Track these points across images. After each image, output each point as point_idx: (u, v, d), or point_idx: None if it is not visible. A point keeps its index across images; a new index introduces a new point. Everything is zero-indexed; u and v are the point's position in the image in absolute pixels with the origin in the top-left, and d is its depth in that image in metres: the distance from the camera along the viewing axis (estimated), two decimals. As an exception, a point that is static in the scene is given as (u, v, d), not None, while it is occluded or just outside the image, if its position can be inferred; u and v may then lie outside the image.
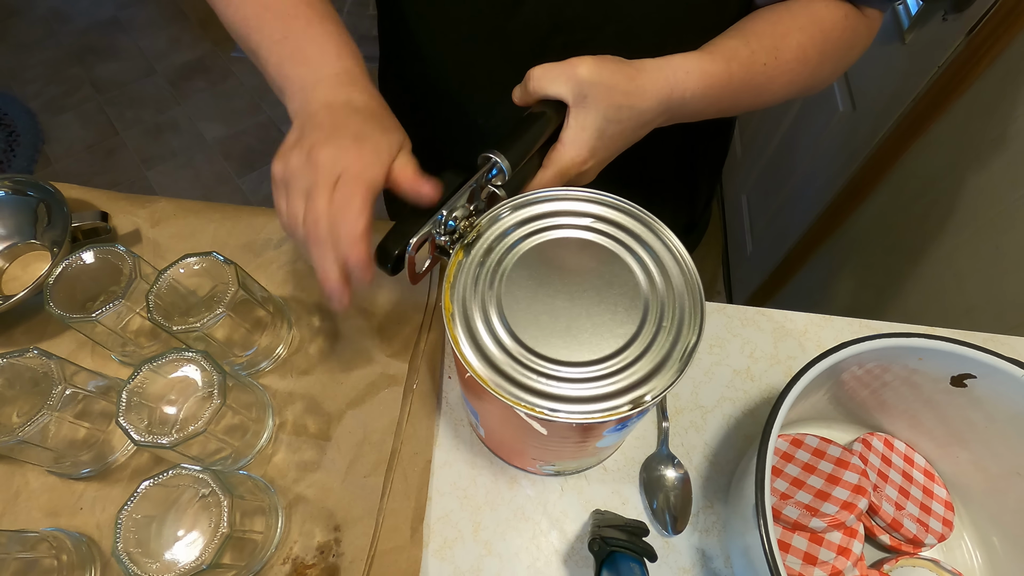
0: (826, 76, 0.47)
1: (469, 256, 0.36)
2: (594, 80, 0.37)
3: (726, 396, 0.53)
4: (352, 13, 2.29)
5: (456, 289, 0.35)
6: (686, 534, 0.47)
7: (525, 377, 0.32)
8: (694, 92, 0.41)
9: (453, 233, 0.36)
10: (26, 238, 0.57)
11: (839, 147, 1.12)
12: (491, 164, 0.37)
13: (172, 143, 1.97)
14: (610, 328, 0.34)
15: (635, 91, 0.39)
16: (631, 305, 0.35)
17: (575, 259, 0.36)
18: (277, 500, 0.45)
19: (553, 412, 0.31)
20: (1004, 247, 0.76)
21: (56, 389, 0.41)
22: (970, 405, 0.43)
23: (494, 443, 0.48)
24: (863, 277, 1.08)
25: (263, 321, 0.50)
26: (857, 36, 0.46)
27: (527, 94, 0.40)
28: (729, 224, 1.75)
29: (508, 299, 0.35)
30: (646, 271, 0.36)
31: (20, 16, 2.26)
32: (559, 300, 0.35)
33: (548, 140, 0.40)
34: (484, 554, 0.46)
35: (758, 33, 0.43)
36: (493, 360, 0.33)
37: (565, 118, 0.39)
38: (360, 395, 0.50)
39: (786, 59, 0.43)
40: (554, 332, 0.34)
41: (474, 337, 0.33)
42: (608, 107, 0.38)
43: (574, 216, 0.38)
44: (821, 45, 0.44)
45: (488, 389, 0.32)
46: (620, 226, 0.38)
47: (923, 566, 0.43)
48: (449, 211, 0.36)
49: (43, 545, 0.40)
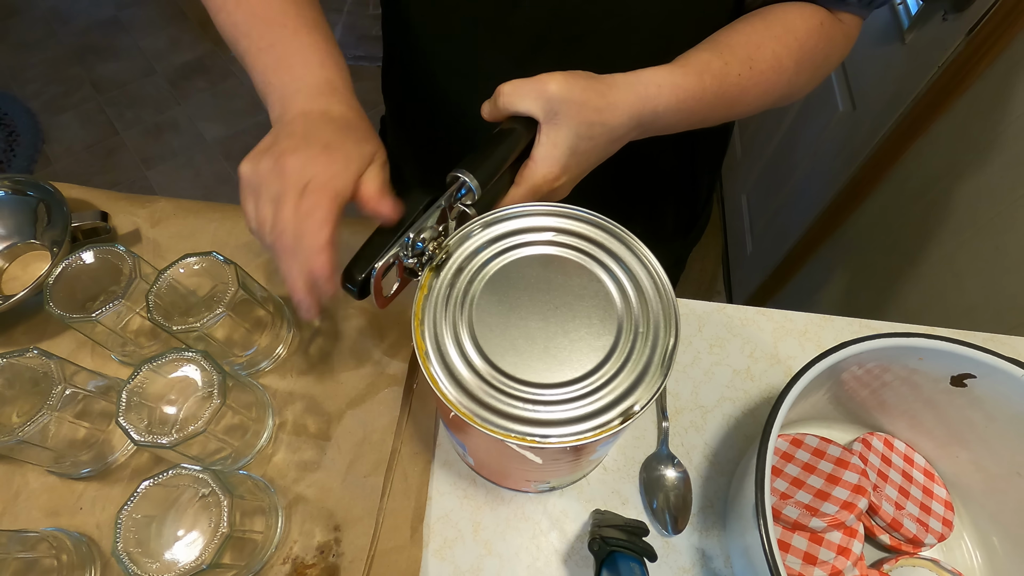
0: (803, 84, 0.47)
1: (438, 280, 0.35)
2: (565, 97, 0.37)
3: (726, 396, 0.53)
4: (352, 13, 2.29)
5: (426, 323, 0.34)
6: (686, 534, 0.47)
7: (510, 407, 0.31)
8: (667, 106, 0.40)
9: (422, 255, 0.35)
10: (26, 238, 0.57)
11: (839, 147, 1.12)
12: (460, 183, 0.36)
13: (172, 143, 1.97)
14: (588, 343, 0.33)
15: (606, 107, 0.38)
16: (606, 317, 0.34)
17: (545, 276, 0.36)
18: (277, 500, 0.45)
19: (544, 439, 0.30)
20: (1004, 247, 0.76)
21: (56, 389, 0.41)
22: (970, 405, 0.43)
23: (486, 471, 0.47)
24: (863, 277, 1.09)
25: (263, 321, 0.50)
26: (833, 44, 0.46)
27: (496, 110, 0.39)
28: (729, 224, 1.75)
29: (481, 327, 0.34)
30: (617, 282, 0.35)
31: (20, 16, 2.26)
32: (533, 321, 0.34)
33: (519, 157, 0.39)
34: (484, 554, 0.46)
35: (731, 45, 0.43)
36: (475, 394, 0.32)
37: (536, 135, 0.39)
38: (360, 395, 0.50)
39: (760, 69, 0.43)
40: (532, 355, 0.33)
41: (452, 373, 0.32)
42: (580, 124, 0.38)
43: (544, 232, 0.37)
44: (797, 54, 0.44)
45: (475, 425, 0.31)
46: (589, 239, 0.37)
47: (923, 566, 0.43)
48: (417, 232, 0.35)
49: (43, 545, 0.40)
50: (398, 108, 0.68)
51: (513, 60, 0.50)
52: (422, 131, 0.65)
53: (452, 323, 0.34)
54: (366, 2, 2.31)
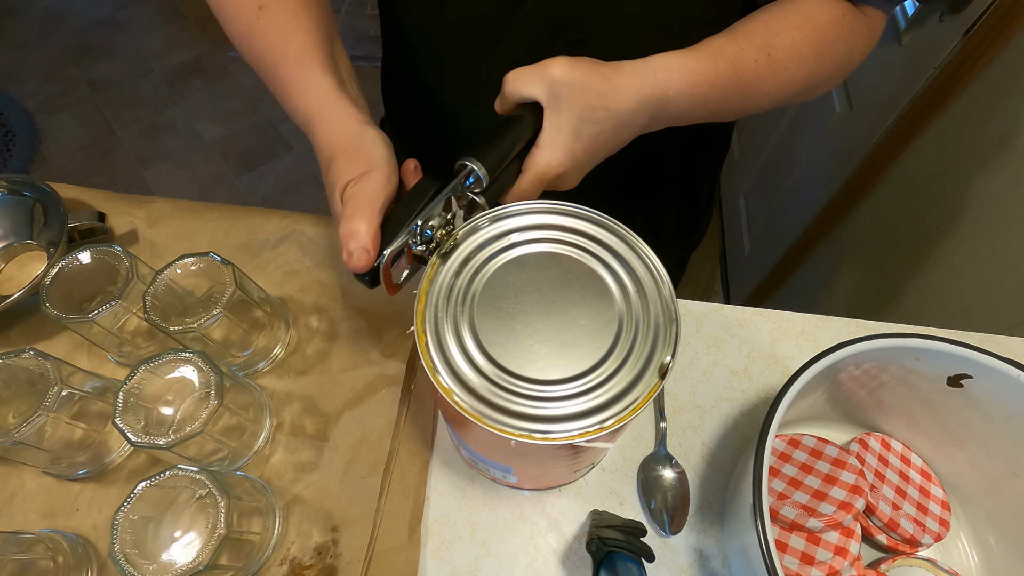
0: (826, 77, 0.45)
1: (443, 270, 0.36)
2: (567, 80, 0.37)
3: (724, 396, 0.53)
4: (350, 13, 2.29)
5: (428, 314, 0.34)
6: (684, 534, 0.47)
7: (511, 403, 0.32)
8: (678, 91, 0.39)
9: (430, 242, 0.36)
10: (22, 238, 0.57)
11: (836, 148, 1.12)
12: (467, 171, 0.36)
13: (169, 143, 1.97)
14: (590, 339, 0.34)
15: (610, 91, 0.38)
16: (607, 316, 0.34)
17: (549, 273, 0.36)
18: (275, 501, 0.45)
19: (544, 435, 0.31)
20: (1001, 248, 0.76)
21: (52, 390, 0.41)
22: (967, 405, 0.43)
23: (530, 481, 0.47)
24: (860, 277, 1.09)
25: (260, 321, 0.50)
26: (857, 36, 0.45)
27: (504, 100, 0.39)
28: (727, 224, 1.76)
29: (483, 320, 0.34)
30: (618, 281, 0.36)
31: (16, 15, 2.25)
32: (536, 316, 0.34)
33: (527, 145, 0.39)
34: (482, 554, 0.46)
35: (748, 32, 0.42)
36: (476, 391, 0.32)
37: (542, 121, 0.38)
38: (358, 395, 0.50)
39: (778, 57, 0.42)
40: (532, 351, 0.33)
41: (451, 365, 0.33)
42: (582, 107, 0.37)
43: (550, 229, 0.38)
44: (817, 43, 0.43)
45: (477, 422, 0.31)
46: (594, 238, 0.37)
47: (920, 566, 0.43)
48: (425, 220, 0.35)
49: (39, 546, 0.40)
50: (397, 110, 0.68)
51: (514, 66, 0.50)
52: (422, 134, 0.65)
53: (454, 316, 0.34)
54: (364, 2, 2.31)
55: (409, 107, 0.65)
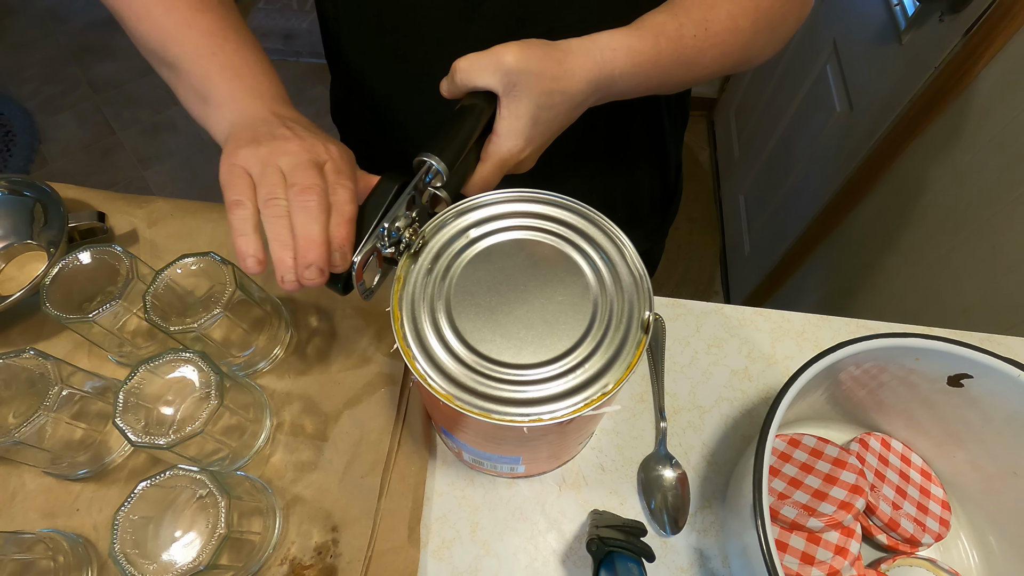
0: (761, 46, 0.46)
1: (415, 268, 0.36)
2: (522, 68, 0.37)
3: (724, 396, 0.53)
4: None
5: (405, 311, 0.34)
6: (684, 534, 0.47)
7: (516, 393, 0.32)
8: (623, 70, 0.40)
9: (399, 243, 0.36)
10: (22, 238, 0.57)
11: (836, 147, 1.12)
12: (427, 167, 0.36)
13: (169, 143, 1.97)
14: (566, 322, 0.35)
15: (564, 75, 0.38)
16: (581, 286, 0.36)
17: (521, 260, 0.37)
18: (275, 501, 0.45)
19: (553, 414, 0.31)
20: (1001, 247, 0.76)
21: (53, 390, 0.41)
22: (967, 405, 0.43)
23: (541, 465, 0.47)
24: (860, 277, 1.09)
25: (261, 321, 0.50)
26: (790, 4, 0.45)
27: (455, 86, 0.39)
28: (727, 224, 1.75)
29: (460, 312, 0.35)
30: (582, 253, 0.37)
31: (16, 16, 2.25)
32: (512, 303, 0.35)
33: (483, 132, 0.39)
34: (482, 554, 0.46)
35: (686, 6, 0.43)
36: (457, 378, 0.33)
37: (497, 108, 0.39)
38: (357, 395, 0.50)
39: (716, 30, 0.43)
40: (520, 338, 0.34)
41: (431, 357, 0.33)
42: (539, 94, 0.38)
43: (518, 217, 0.38)
44: (753, 14, 0.43)
45: (500, 423, 0.31)
46: (563, 222, 0.38)
47: (920, 565, 0.43)
48: (391, 221, 0.35)
49: (40, 546, 0.40)
50: (352, 124, 0.67)
51: None
52: (384, 145, 0.64)
53: (431, 310, 0.35)
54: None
55: (368, 116, 0.64)
